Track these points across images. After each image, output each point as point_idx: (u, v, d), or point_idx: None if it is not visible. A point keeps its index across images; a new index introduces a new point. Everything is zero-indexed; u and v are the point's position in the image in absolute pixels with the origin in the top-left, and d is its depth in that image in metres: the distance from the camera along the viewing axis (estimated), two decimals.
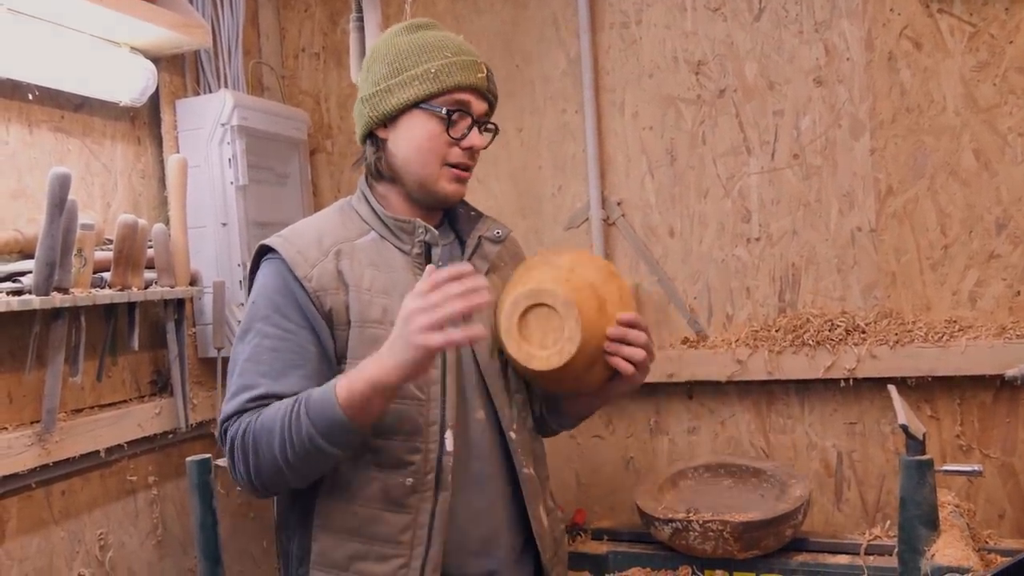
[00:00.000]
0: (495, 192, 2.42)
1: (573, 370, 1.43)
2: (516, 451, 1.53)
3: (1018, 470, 1.98)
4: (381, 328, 1.42)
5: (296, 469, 1.36)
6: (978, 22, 1.98)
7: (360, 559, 1.42)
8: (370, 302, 1.44)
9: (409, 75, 1.48)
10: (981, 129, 1.99)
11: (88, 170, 2.00)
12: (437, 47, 1.50)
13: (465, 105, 1.48)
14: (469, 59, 1.50)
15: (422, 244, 1.51)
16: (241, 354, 1.44)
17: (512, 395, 1.55)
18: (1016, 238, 1.97)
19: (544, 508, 1.58)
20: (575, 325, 1.39)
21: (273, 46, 2.60)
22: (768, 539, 1.79)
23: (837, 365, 2.04)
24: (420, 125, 1.48)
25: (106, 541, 1.95)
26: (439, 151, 1.48)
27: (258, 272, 1.51)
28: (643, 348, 1.45)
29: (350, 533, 1.43)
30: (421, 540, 1.42)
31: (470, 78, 1.48)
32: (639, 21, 2.27)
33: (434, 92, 1.47)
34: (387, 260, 1.50)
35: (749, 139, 2.18)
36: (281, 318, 1.43)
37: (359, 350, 1.41)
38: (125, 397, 2.05)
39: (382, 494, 1.42)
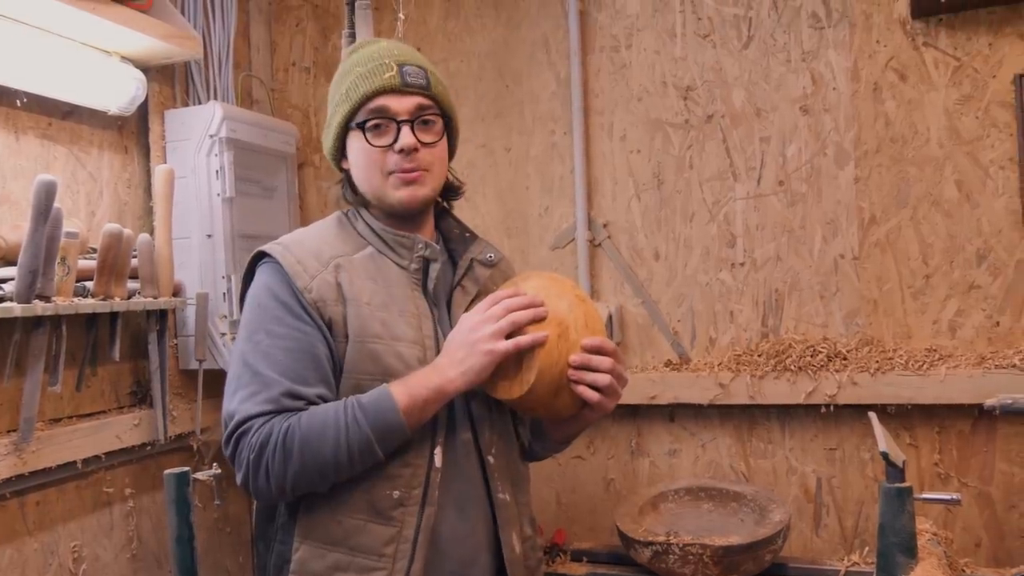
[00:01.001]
0: (482, 211, 2.43)
1: (538, 398, 1.43)
2: (493, 475, 1.52)
3: (995, 499, 2.00)
4: (381, 343, 1.43)
5: (340, 472, 1.38)
6: (962, 56, 2.01)
7: (342, 570, 1.41)
8: (370, 316, 1.43)
9: (334, 104, 1.52)
10: (964, 161, 2.02)
11: (74, 178, 1.99)
12: (354, 65, 1.51)
13: (382, 111, 1.46)
14: (377, 64, 1.47)
15: (421, 260, 1.50)
16: (251, 355, 1.41)
17: (494, 420, 1.55)
18: (996, 269, 1.99)
19: (518, 535, 1.55)
20: (533, 355, 1.40)
21: (264, 59, 2.61)
22: (747, 563, 1.79)
23: (818, 391, 2.06)
24: (355, 146, 1.50)
25: (80, 554, 1.93)
26: (375, 163, 1.47)
27: (255, 276, 1.49)
28: (609, 373, 1.43)
29: (333, 543, 1.42)
30: (405, 554, 1.41)
31: (376, 83, 1.46)
32: (629, 45, 2.29)
33: (350, 110, 1.48)
34: (385, 275, 1.49)
35: (735, 165, 2.20)
36: (292, 318, 1.42)
37: (359, 365, 1.42)
38: (104, 408, 2.03)
39: (368, 506, 1.41)
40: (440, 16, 2.47)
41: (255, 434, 1.36)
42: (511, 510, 1.54)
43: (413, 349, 1.45)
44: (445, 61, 2.46)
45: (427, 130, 1.49)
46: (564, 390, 1.44)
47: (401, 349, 1.44)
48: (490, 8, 2.42)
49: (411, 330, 1.46)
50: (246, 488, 1.41)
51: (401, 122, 1.46)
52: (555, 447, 1.70)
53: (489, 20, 2.42)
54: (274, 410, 1.37)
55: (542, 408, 1.49)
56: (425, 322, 1.48)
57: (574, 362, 1.41)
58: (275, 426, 1.36)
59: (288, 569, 1.43)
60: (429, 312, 1.50)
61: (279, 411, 1.37)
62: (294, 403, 1.38)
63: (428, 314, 1.49)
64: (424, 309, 1.49)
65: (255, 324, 1.43)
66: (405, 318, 1.46)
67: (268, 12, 2.64)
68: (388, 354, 1.42)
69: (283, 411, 1.37)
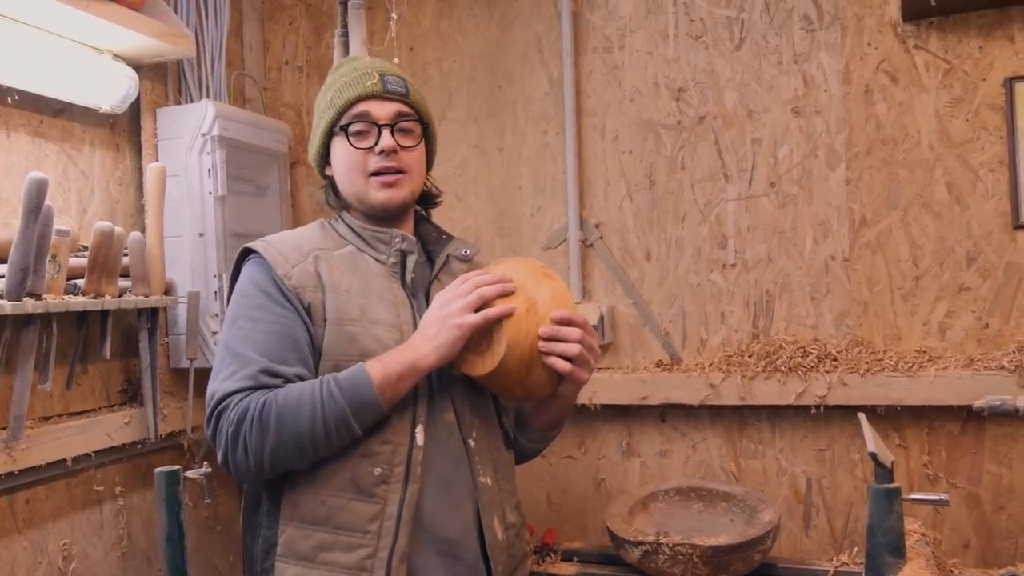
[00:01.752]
0: (474, 211, 2.43)
1: (510, 373, 1.47)
2: (473, 458, 1.55)
3: (983, 500, 2.01)
4: (358, 326, 1.49)
5: (317, 447, 1.41)
6: (953, 59, 2.02)
7: (327, 549, 1.44)
8: (348, 302, 1.50)
9: (319, 112, 1.62)
10: (954, 163, 2.02)
11: (65, 176, 1.99)
12: (338, 77, 1.62)
13: (363, 115, 1.56)
14: (360, 73, 1.58)
15: (398, 253, 1.58)
16: (232, 339, 1.48)
17: (474, 403, 1.58)
18: (985, 271, 2.00)
19: (501, 521, 1.57)
20: (502, 329, 1.44)
21: (256, 58, 2.60)
22: (737, 563, 1.79)
23: (808, 392, 2.06)
24: (338, 150, 1.59)
25: (70, 552, 1.92)
26: (357, 165, 1.57)
27: (241, 272, 1.57)
28: (578, 343, 1.47)
29: (318, 523, 1.45)
30: (389, 531, 1.43)
31: (359, 89, 1.56)
32: (622, 46, 2.30)
33: (334, 116, 1.58)
34: (364, 269, 1.56)
35: (727, 166, 2.21)
36: (272, 304, 1.49)
37: (336, 347, 1.47)
38: (94, 406, 2.03)
39: (351, 483, 1.45)
40: (433, 16, 2.47)
41: (233, 409, 1.41)
42: (492, 494, 1.57)
43: (391, 332, 1.50)
44: (438, 61, 2.46)
45: (406, 135, 1.59)
46: (536, 365, 1.47)
47: (378, 332, 1.49)
48: (483, 8, 2.42)
49: (389, 315, 1.52)
50: (226, 465, 1.45)
51: (382, 126, 1.56)
52: (540, 436, 1.72)
53: (482, 20, 2.42)
54: (252, 386, 1.42)
55: (517, 386, 1.51)
56: (403, 309, 1.54)
57: (543, 334, 1.46)
58: (252, 401, 1.40)
59: (275, 553, 1.46)
60: (407, 301, 1.56)
61: (257, 387, 1.42)
62: (272, 380, 1.43)
63: (406, 303, 1.56)
64: (402, 298, 1.56)
65: (237, 312, 1.51)
66: (383, 304, 1.53)
67: (261, 11, 2.64)
68: (365, 336, 1.48)
69: (261, 387, 1.42)
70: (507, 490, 1.62)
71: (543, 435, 1.71)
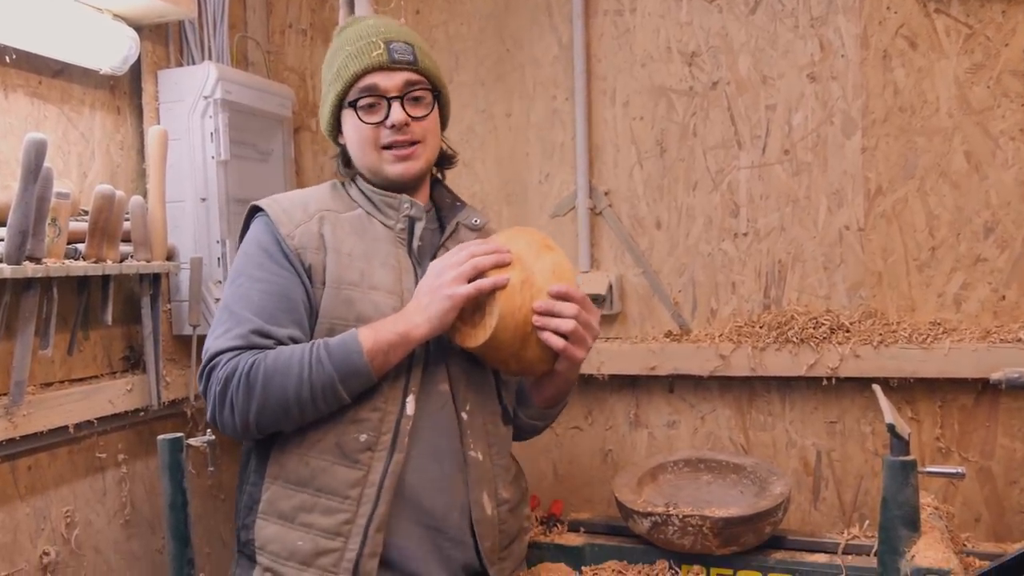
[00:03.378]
0: (480, 177, 2.39)
1: (504, 346, 1.45)
2: (466, 432, 1.53)
3: (996, 474, 1.98)
4: (357, 291, 1.47)
5: (304, 411, 1.41)
6: (974, 24, 1.97)
7: (306, 511, 1.44)
8: (349, 265, 1.49)
9: (327, 82, 1.59)
10: (973, 131, 1.98)
11: (65, 138, 1.95)
12: (343, 43, 1.57)
13: (371, 89, 1.52)
14: (365, 43, 1.53)
15: (407, 219, 1.56)
16: (230, 296, 1.48)
17: (471, 377, 1.56)
18: (1003, 242, 1.96)
19: (491, 496, 1.55)
20: (495, 300, 1.42)
21: (260, 20, 2.55)
22: (747, 536, 1.77)
23: (820, 363, 2.03)
24: (349, 123, 1.57)
25: (73, 519, 1.91)
26: (369, 139, 1.54)
27: (248, 229, 1.57)
28: (574, 319, 1.44)
29: (300, 484, 1.45)
30: (369, 498, 1.43)
31: (364, 62, 1.52)
32: (633, 9, 2.24)
33: (342, 89, 1.54)
34: (371, 233, 1.55)
35: (740, 133, 2.16)
36: (272, 264, 1.48)
37: (333, 310, 1.47)
38: (96, 372, 2.00)
39: (336, 448, 1.44)
40: None
41: (222, 368, 1.41)
42: (483, 469, 1.55)
43: (389, 299, 1.48)
44: (445, 24, 2.40)
45: (417, 105, 1.55)
46: (531, 339, 1.45)
47: (377, 298, 1.47)
48: None
49: (389, 281, 1.50)
50: (213, 422, 1.46)
51: (391, 99, 1.52)
52: (540, 414, 1.70)
53: None
54: (243, 346, 1.42)
55: (513, 360, 1.49)
56: (406, 276, 1.53)
57: (538, 308, 1.43)
58: (241, 360, 1.40)
59: (257, 509, 1.47)
60: (411, 268, 1.54)
61: (247, 347, 1.42)
62: (263, 340, 1.43)
63: (410, 269, 1.54)
64: (407, 265, 1.54)
65: (238, 270, 1.51)
66: (385, 270, 1.51)
67: None
68: (363, 301, 1.47)
69: (252, 347, 1.42)
70: (500, 465, 1.60)
71: (543, 412, 1.69)
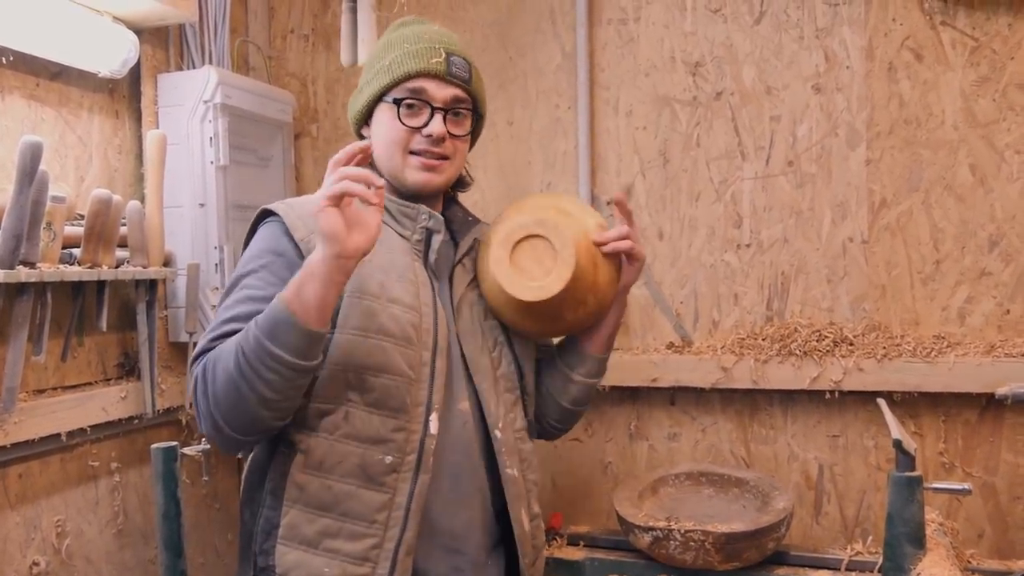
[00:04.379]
0: (482, 185, 2.37)
1: (586, 275, 1.47)
2: (500, 450, 1.50)
3: (999, 490, 1.96)
4: (378, 303, 1.41)
5: (252, 385, 1.28)
6: (980, 36, 1.96)
7: (331, 536, 1.38)
8: (368, 275, 1.42)
9: (373, 72, 1.52)
10: (978, 144, 1.97)
11: (62, 141, 1.92)
12: (401, 40, 1.52)
13: (419, 92, 1.47)
14: (426, 46, 1.49)
15: (423, 231, 1.51)
16: (223, 305, 1.43)
17: (501, 393, 1.54)
18: (1008, 256, 1.95)
19: (527, 512, 1.54)
20: (557, 232, 1.44)
21: (261, 25, 2.53)
22: (750, 551, 1.75)
23: (823, 377, 2.01)
24: (383, 118, 1.51)
25: (64, 528, 1.88)
26: (400, 141, 1.48)
27: (256, 234, 1.50)
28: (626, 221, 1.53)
29: (323, 508, 1.39)
30: (397, 521, 1.38)
31: (421, 64, 1.47)
32: (638, 18, 2.23)
33: (389, 84, 1.48)
34: (387, 243, 1.48)
35: (744, 144, 2.15)
36: (268, 274, 1.41)
37: (351, 320, 1.40)
38: (90, 379, 1.98)
39: (360, 470, 1.39)
40: None
41: (195, 371, 1.37)
42: (520, 486, 1.52)
43: (408, 314, 1.43)
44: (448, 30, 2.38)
45: (458, 123, 1.52)
46: (599, 260, 1.50)
47: (396, 311, 1.42)
48: None
49: (408, 296, 1.45)
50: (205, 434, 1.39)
51: (436, 108, 1.48)
52: (597, 366, 1.66)
53: None
54: (213, 347, 1.36)
55: (591, 293, 1.50)
56: (424, 290, 1.47)
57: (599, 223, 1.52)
58: (207, 357, 1.35)
59: (277, 534, 1.40)
60: (429, 282, 1.49)
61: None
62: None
63: (428, 283, 1.49)
64: (424, 278, 1.49)
65: (239, 275, 1.44)
66: (403, 284, 1.45)
67: None
68: (382, 313, 1.41)
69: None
70: (532, 480, 1.58)
71: (599, 361, 1.65)
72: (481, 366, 1.51)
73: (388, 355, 1.39)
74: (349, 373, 1.38)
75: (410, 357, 1.41)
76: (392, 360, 1.39)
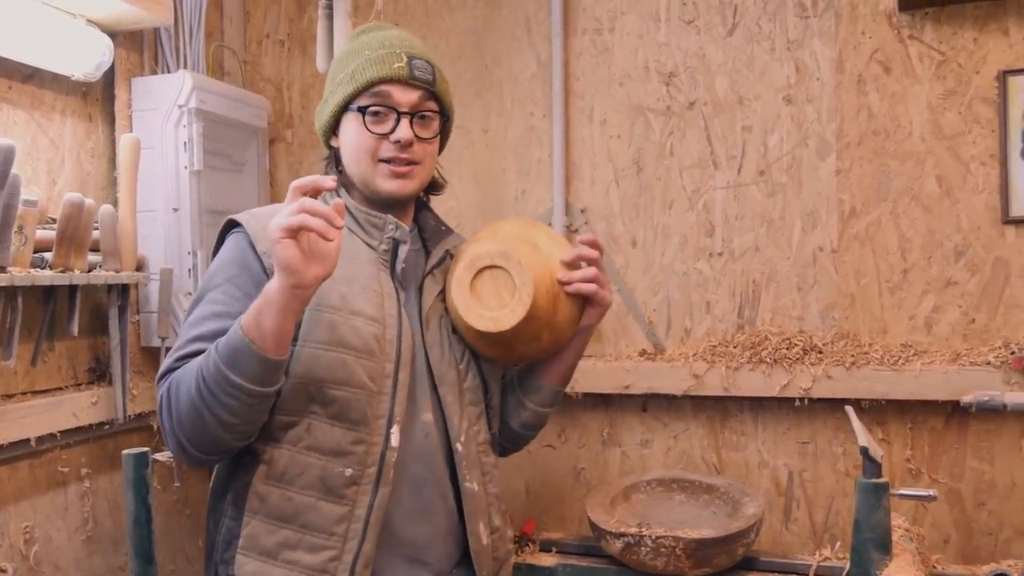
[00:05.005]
0: (457, 193, 2.38)
1: (542, 313, 1.46)
2: (461, 463, 1.50)
3: (965, 496, 2.00)
4: (339, 315, 1.41)
5: (211, 409, 1.29)
6: (947, 51, 2.00)
7: (291, 547, 1.38)
8: (330, 288, 1.41)
9: (336, 82, 1.52)
10: (945, 156, 2.00)
11: (34, 144, 1.91)
12: (362, 47, 1.51)
13: (384, 99, 1.47)
14: (387, 52, 1.48)
15: (390, 241, 1.50)
16: (192, 317, 1.42)
17: (465, 406, 1.53)
18: (973, 266, 1.99)
19: (487, 525, 1.54)
20: (519, 268, 1.43)
21: (237, 30, 2.53)
22: (720, 557, 1.77)
23: (793, 384, 2.04)
24: (349, 127, 1.50)
25: (32, 535, 1.86)
26: (368, 149, 1.48)
27: (223, 245, 1.50)
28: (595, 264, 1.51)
29: (283, 520, 1.39)
30: (356, 534, 1.38)
31: (383, 70, 1.47)
32: (612, 29, 2.25)
33: (353, 92, 1.48)
34: (353, 253, 1.48)
35: (716, 153, 2.18)
36: (233, 288, 1.41)
37: (313, 333, 1.40)
38: (60, 384, 1.96)
39: (320, 483, 1.39)
40: None
41: (160, 390, 1.37)
42: (479, 500, 1.52)
43: (371, 326, 1.43)
44: (424, 38, 2.39)
45: (425, 126, 1.51)
46: (560, 299, 1.49)
47: (357, 324, 1.42)
48: None
49: (371, 307, 1.44)
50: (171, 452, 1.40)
51: (402, 113, 1.47)
52: (551, 398, 1.67)
53: None
54: (178, 366, 1.37)
55: (546, 331, 1.50)
56: (388, 301, 1.47)
57: (566, 259, 1.48)
58: (172, 378, 1.36)
59: (237, 544, 1.40)
60: (394, 293, 1.49)
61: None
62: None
63: (393, 294, 1.48)
64: (389, 289, 1.48)
65: (203, 289, 1.44)
66: (367, 295, 1.45)
67: None
68: (344, 326, 1.41)
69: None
70: (493, 494, 1.58)
71: (553, 394, 1.66)
72: (447, 378, 1.51)
73: (349, 368, 1.39)
74: (311, 386, 1.38)
75: (372, 369, 1.41)
76: (353, 373, 1.39)
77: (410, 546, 1.46)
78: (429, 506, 1.48)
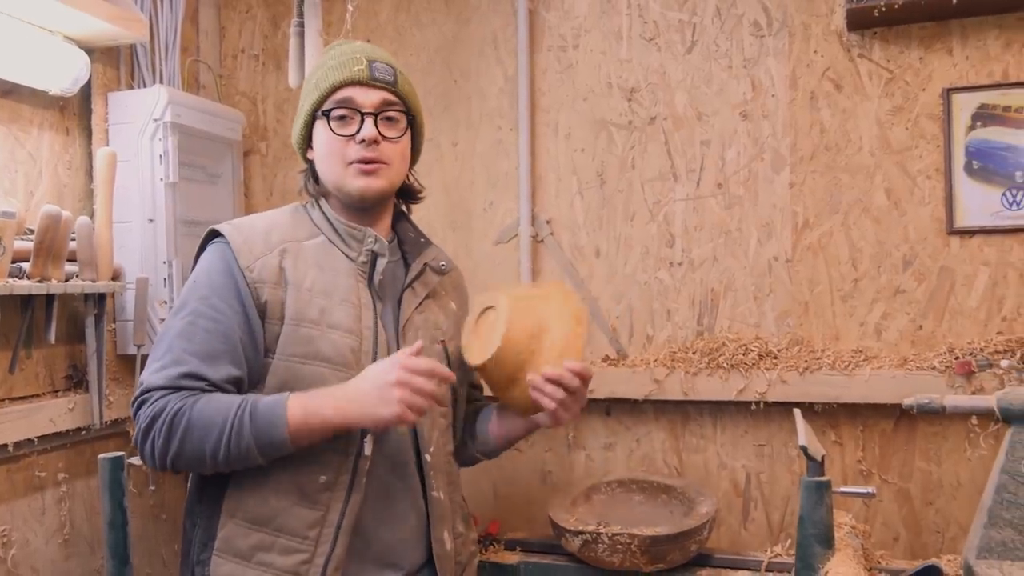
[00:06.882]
0: (426, 204, 2.39)
1: (495, 376, 1.52)
2: (429, 472, 1.55)
3: (913, 495, 2.08)
4: (317, 329, 1.45)
5: (218, 467, 1.40)
6: (894, 69, 2.09)
7: (264, 550, 1.43)
8: (309, 302, 1.46)
9: (304, 95, 1.58)
10: (893, 170, 2.09)
11: (12, 157, 1.96)
12: (328, 59, 1.57)
13: (347, 102, 1.51)
14: (348, 58, 1.53)
15: (369, 253, 1.53)
16: (172, 328, 1.45)
17: (436, 418, 1.59)
18: (920, 275, 2.07)
19: (450, 531, 1.59)
20: (502, 327, 1.49)
21: (212, 45, 2.59)
22: (674, 553, 1.84)
23: (749, 388, 2.12)
24: (319, 134, 1.55)
25: (9, 538, 1.90)
26: (337, 151, 1.52)
27: (203, 254, 1.53)
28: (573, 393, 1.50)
29: (258, 523, 1.44)
30: (328, 538, 1.43)
31: (344, 74, 1.51)
32: (576, 46, 2.33)
33: (318, 99, 1.53)
34: (332, 264, 1.52)
35: (676, 166, 2.26)
36: (218, 300, 1.45)
37: (291, 347, 1.45)
38: (38, 391, 2.01)
39: (295, 487, 1.44)
40: (391, 8, 2.48)
41: (151, 405, 1.40)
42: (444, 508, 1.58)
43: (348, 339, 1.47)
44: (395, 54, 2.46)
45: (390, 125, 1.54)
46: (518, 384, 1.52)
47: (335, 337, 1.46)
48: (440, 3, 2.43)
49: (348, 320, 1.48)
50: (139, 451, 1.44)
51: (365, 114, 1.51)
52: (493, 452, 1.74)
53: (439, 15, 2.44)
54: (172, 387, 1.40)
55: (498, 388, 1.58)
56: (366, 313, 1.51)
57: (547, 375, 1.48)
58: (169, 403, 1.39)
59: (213, 546, 1.45)
60: (372, 305, 1.52)
61: (177, 389, 1.40)
62: (193, 383, 1.41)
63: (370, 306, 1.52)
64: (367, 301, 1.52)
65: (185, 299, 1.47)
66: (345, 308, 1.49)
67: None
68: (322, 340, 1.45)
69: (181, 389, 1.40)
70: (457, 502, 1.64)
71: (497, 445, 1.73)
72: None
73: (325, 380, 1.44)
74: None
75: (347, 381, 1.44)
76: (329, 384, 1.43)
77: (380, 550, 1.51)
78: (401, 513, 1.53)
